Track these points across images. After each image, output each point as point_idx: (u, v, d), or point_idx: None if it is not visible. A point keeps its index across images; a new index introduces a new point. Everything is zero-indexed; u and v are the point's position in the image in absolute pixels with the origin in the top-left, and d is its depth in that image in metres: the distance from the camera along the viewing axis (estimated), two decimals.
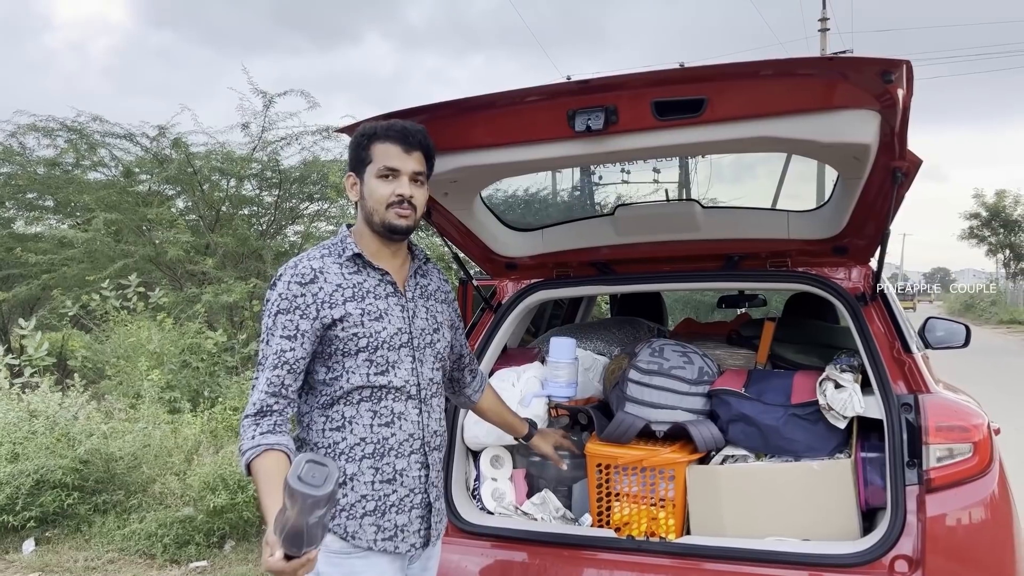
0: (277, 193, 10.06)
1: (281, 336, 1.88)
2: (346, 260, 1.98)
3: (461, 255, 3.36)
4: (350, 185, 2.04)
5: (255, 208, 10.37)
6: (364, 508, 1.94)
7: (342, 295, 1.93)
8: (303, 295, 1.90)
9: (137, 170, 9.77)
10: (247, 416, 1.86)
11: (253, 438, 1.82)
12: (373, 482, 1.94)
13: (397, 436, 1.97)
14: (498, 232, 3.19)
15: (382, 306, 1.98)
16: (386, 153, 1.96)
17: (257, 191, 10.26)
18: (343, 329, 1.91)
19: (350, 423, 1.94)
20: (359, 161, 2.00)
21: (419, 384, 2.02)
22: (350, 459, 1.93)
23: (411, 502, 2.00)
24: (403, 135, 1.97)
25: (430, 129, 2.34)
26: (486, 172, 2.63)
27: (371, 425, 1.95)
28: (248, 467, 1.80)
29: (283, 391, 1.87)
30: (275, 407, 1.86)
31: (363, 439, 1.94)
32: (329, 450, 1.94)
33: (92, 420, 5.61)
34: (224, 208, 9.82)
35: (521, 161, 2.45)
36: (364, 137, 1.99)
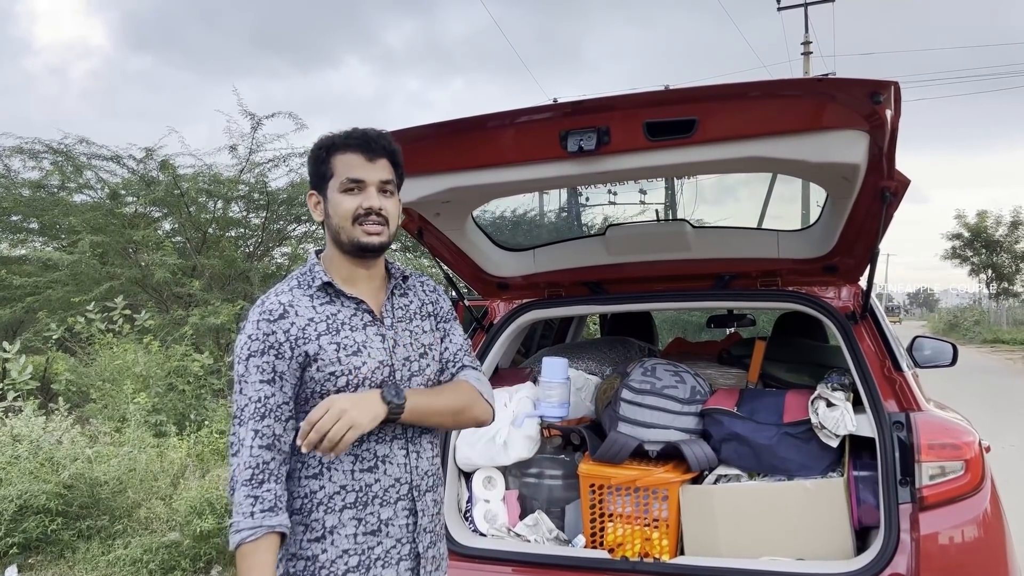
0: (264, 215, 10.06)
1: (260, 381, 1.69)
2: (316, 291, 1.79)
3: (453, 275, 3.36)
4: (313, 204, 1.84)
5: (242, 230, 10.35)
6: (346, 564, 1.73)
7: (315, 329, 1.74)
8: (274, 332, 1.71)
9: (123, 192, 9.74)
10: (243, 483, 1.65)
11: (252, 515, 1.62)
12: (356, 534, 1.74)
13: (381, 482, 1.76)
14: (490, 252, 3.20)
15: (360, 338, 1.77)
16: (348, 164, 1.76)
17: (244, 213, 10.26)
18: (318, 369, 1.72)
19: (328, 469, 1.74)
20: (320, 176, 1.80)
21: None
22: (329, 510, 1.73)
23: (398, 554, 1.78)
24: (364, 142, 1.77)
25: (423, 149, 2.35)
26: (479, 192, 2.65)
27: (352, 471, 1.74)
28: (239, 544, 1.62)
29: (276, 443, 1.68)
30: (271, 465, 1.67)
31: (343, 487, 1.74)
32: (306, 500, 1.74)
33: (76, 444, 5.53)
34: (211, 230, 9.80)
35: (514, 181, 2.46)
36: (322, 149, 1.80)
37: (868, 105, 1.99)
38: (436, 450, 1.89)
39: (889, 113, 2.02)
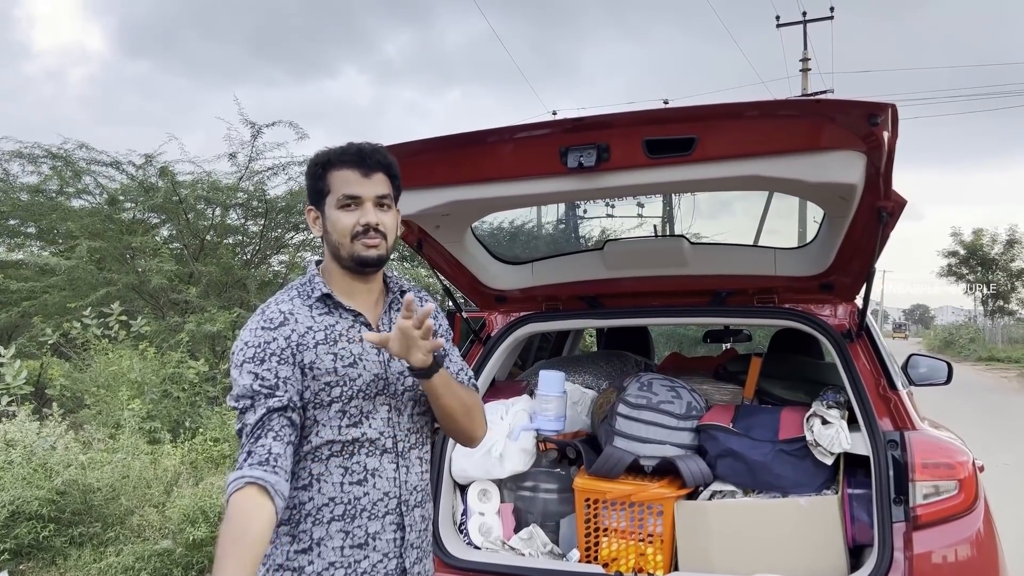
0: (263, 222, 10.06)
1: (261, 384, 1.69)
2: (316, 302, 1.80)
3: (451, 287, 3.37)
4: (312, 219, 1.85)
5: (240, 237, 10.35)
6: None
7: (313, 338, 1.75)
8: (275, 339, 1.72)
9: (122, 198, 9.75)
10: (245, 438, 1.65)
11: (241, 467, 1.61)
12: (343, 547, 1.74)
13: (370, 495, 1.76)
14: (488, 265, 3.21)
15: (356, 351, 1.78)
16: (344, 180, 1.77)
17: (242, 220, 10.26)
18: (315, 378, 1.73)
19: (318, 481, 1.74)
20: (317, 192, 1.81)
21: (395, 436, 1.81)
22: (317, 521, 1.73)
23: (384, 568, 1.78)
24: (359, 158, 1.78)
25: (425, 163, 2.36)
26: (478, 206, 2.66)
27: (341, 483, 1.74)
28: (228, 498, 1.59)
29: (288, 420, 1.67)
30: (273, 422, 1.65)
31: (332, 499, 1.74)
32: (294, 511, 1.74)
33: (70, 450, 5.50)
34: (209, 237, 9.80)
35: (513, 196, 2.48)
36: (318, 166, 1.80)
37: (865, 126, 2.01)
38: (425, 466, 1.90)
39: (886, 134, 2.04)
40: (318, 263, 1.89)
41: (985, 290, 36.08)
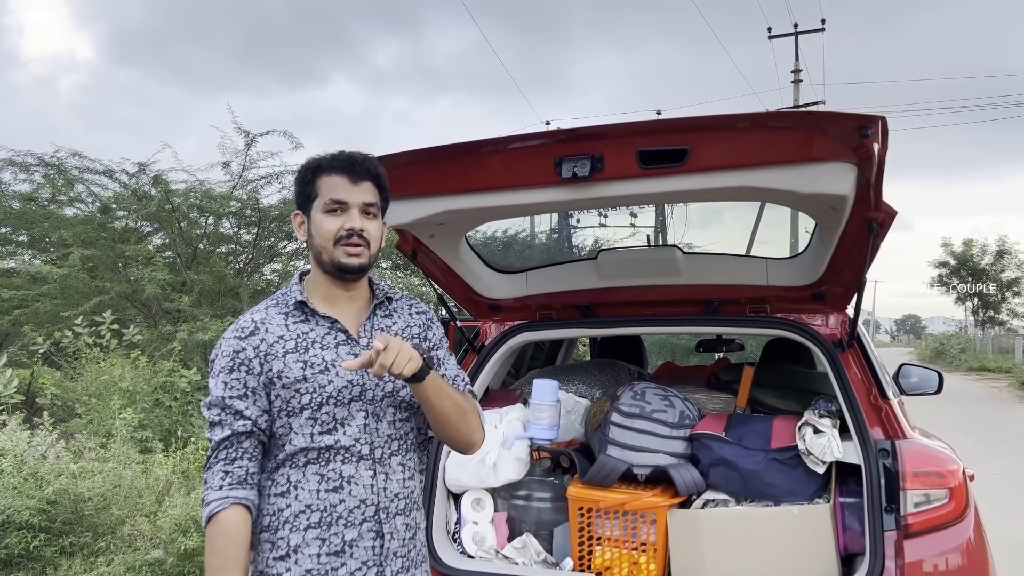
0: (256, 231, 10.05)
1: (231, 397, 1.77)
2: (292, 309, 1.84)
3: (445, 296, 3.38)
4: (298, 224, 1.89)
5: (233, 246, 10.33)
6: None
7: (283, 347, 1.79)
8: (244, 349, 1.78)
9: (115, 206, 9.72)
10: (215, 461, 1.77)
11: (221, 487, 1.72)
12: (319, 555, 1.75)
13: (346, 503, 1.77)
14: (483, 274, 3.23)
15: (329, 357, 1.79)
16: (332, 185, 1.80)
17: (235, 229, 10.24)
18: (284, 386, 1.76)
19: (295, 488, 1.77)
20: (305, 197, 1.84)
21: (372, 443, 1.80)
22: (294, 528, 1.75)
23: None
24: (349, 164, 1.81)
25: (421, 172, 2.37)
26: (473, 215, 2.68)
27: (317, 490, 1.76)
28: (209, 516, 1.72)
29: (253, 429, 1.79)
30: (246, 444, 1.78)
31: (309, 506, 1.76)
32: (273, 517, 1.77)
33: (61, 459, 5.48)
34: (201, 246, 9.78)
35: (508, 205, 2.49)
36: (309, 171, 1.84)
37: (856, 138, 2.04)
38: (410, 473, 1.88)
39: (876, 146, 2.07)
40: (303, 274, 1.93)
41: (976, 300, 36.29)
